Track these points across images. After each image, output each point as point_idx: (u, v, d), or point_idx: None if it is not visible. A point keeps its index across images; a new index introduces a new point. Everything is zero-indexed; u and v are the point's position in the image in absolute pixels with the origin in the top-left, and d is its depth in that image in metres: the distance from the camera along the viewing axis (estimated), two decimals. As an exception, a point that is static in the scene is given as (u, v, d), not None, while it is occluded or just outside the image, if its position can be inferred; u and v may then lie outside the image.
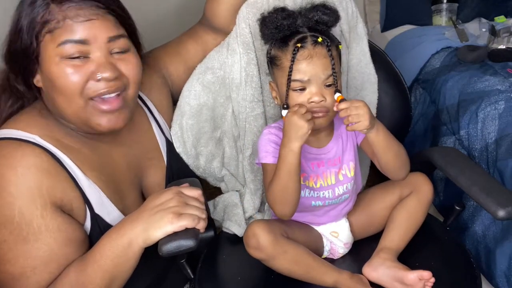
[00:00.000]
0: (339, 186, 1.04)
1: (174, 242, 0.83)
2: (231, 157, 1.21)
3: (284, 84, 0.96)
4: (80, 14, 0.84)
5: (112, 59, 0.89)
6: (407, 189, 1.09)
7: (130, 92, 0.93)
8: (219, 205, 1.24)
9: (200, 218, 0.87)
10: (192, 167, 1.17)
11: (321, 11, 0.98)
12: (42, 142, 0.87)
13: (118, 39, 0.89)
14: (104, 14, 0.87)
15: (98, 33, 0.86)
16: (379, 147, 0.98)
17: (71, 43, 0.85)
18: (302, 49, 0.94)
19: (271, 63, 1.01)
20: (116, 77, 0.88)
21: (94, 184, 0.92)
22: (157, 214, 0.85)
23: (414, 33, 2.07)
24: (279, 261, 0.96)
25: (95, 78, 0.86)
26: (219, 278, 1.10)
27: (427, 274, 0.95)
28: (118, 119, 0.91)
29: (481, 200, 0.98)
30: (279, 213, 0.98)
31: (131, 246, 0.84)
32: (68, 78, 0.85)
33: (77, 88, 0.86)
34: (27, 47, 0.86)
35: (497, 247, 1.29)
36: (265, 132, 1.03)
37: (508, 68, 1.62)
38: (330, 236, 1.08)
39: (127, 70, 0.91)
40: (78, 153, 0.92)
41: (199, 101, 1.13)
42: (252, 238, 0.95)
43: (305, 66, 0.94)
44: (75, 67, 0.85)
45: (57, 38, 0.85)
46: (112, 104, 0.89)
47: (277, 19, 0.97)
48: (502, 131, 1.38)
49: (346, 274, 0.98)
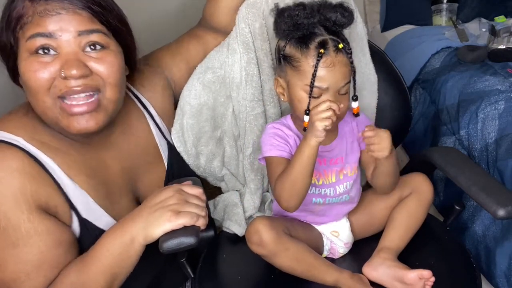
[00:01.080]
0: (340, 185, 1.04)
1: (175, 239, 0.83)
2: (231, 156, 1.21)
3: (299, 86, 0.95)
4: (48, 8, 0.82)
5: (83, 57, 0.84)
6: (407, 190, 1.09)
7: (107, 94, 0.87)
8: (219, 205, 1.24)
9: (199, 215, 0.86)
10: (192, 166, 1.17)
11: (340, 12, 0.94)
12: (26, 145, 0.85)
13: (90, 33, 0.84)
14: (75, 9, 0.83)
15: (65, 27, 0.82)
16: (384, 170, 1.00)
17: (38, 36, 0.82)
18: (325, 55, 0.90)
19: (284, 60, 0.97)
20: (83, 74, 0.82)
21: (81, 188, 0.90)
22: (156, 212, 0.85)
23: (414, 33, 2.08)
24: (280, 258, 0.96)
25: (61, 75, 0.82)
26: (219, 278, 1.10)
27: (427, 273, 0.95)
28: (89, 121, 0.85)
29: (481, 200, 0.98)
30: (284, 204, 0.96)
31: (133, 243, 0.84)
32: (34, 74, 0.82)
33: (42, 86, 0.82)
34: (6, 44, 0.85)
35: (497, 247, 1.29)
36: (268, 127, 1.03)
37: (508, 68, 1.62)
38: (331, 235, 1.08)
39: (100, 68, 0.85)
40: (65, 156, 0.89)
41: (199, 101, 1.13)
42: (254, 234, 0.96)
43: (326, 74, 0.91)
44: (41, 63, 0.82)
45: (26, 32, 0.83)
46: (82, 106, 0.84)
47: (298, 17, 0.92)
48: (502, 131, 1.38)
49: (347, 274, 0.99)
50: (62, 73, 0.82)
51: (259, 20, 1.10)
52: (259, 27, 1.10)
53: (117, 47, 0.90)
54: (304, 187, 0.95)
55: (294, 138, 1.02)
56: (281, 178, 0.95)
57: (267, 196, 1.25)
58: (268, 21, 1.11)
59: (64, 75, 0.82)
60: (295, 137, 1.02)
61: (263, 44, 1.11)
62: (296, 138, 1.02)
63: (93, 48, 0.85)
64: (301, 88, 0.94)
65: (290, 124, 1.04)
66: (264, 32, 1.11)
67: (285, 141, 1.01)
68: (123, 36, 0.91)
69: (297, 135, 1.03)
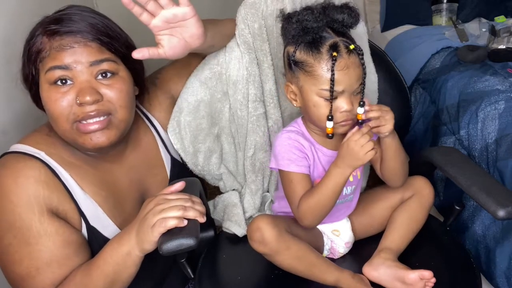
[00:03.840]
0: (348, 187, 1.05)
1: (174, 241, 0.84)
2: (229, 153, 1.21)
3: (313, 91, 0.94)
4: (63, 43, 0.91)
5: (96, 84, 0.93)
6: (409, 192, 1.09)
7: (118, 115, 0.96)
8: (218, 205, 1.24)
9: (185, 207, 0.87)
10: (190, 164, 1.17)
11: (347, 13, 0.94)
12: (46, 158, 0.95)
13: (101, 63, 0.93)
14: (86, 42, 0.92)
15: (78, 59, 0.91)
16: (391, 152, 0.99)
17: (55, 69, 0.91)
18: (338, 58, 0.90)
19: (296, 66, 0.96)
20: (95, 100, 0.92)
21: (91, 198, 0.98)
22: (144, 223, 0.88)
23: (414, 33, 2.07)
24: (282, 256, 0.96)
25: (77, 103, 0.91)
26: (219, 278, 1.10)
27: (428, 274, 0.95)
28: (101, 138, 0.94)
29: (481, 200, 0.97)
30: (307, 224, 0.99)
31: (130, 255, 0.89)
32: (54, 103, 0.92)
33: (61, 114, 0.92)
34: (28, 75, 0.95)
35: (497, 247, 1.29)
36: (284, 137, 1.02)
37: (508, 68, 1.62)
38: (332, 234, 1.08)
39: (110, 94, 0.94)
40: (79, 169, 0.98)
41: (196, 97, 1.13)
42: (256, 232, 0.95)
43: (340, 77, 0.90)
44: (60, 93, 0.91)
45: (45, 65, 0.92)
46: (95, 124, 0.93)
47: (307, 21, 0.92)
48: (502, 131, 1.38)
49: (347, 273, 0.99)
50: (78, 100, 0.91)
51: (258, 20, 1.10)
52: (258, 27, 1.10)
53: (126, 72, 0.99)
54: (331, 209, 0.96)
55: (311, 148, 1.02)
56: (308, 201, 0.96)
57: (267, 196, 1.25)
58: (267, 22, 1.11)
59: (79, 102, 0.91)
60: (311, 147, 1.02)
61: (262, 44, 1.11)
62: (313, 147, 1.02)
63: (104, 75, 0.94)
64: (316, 93, 0.94)
65: (304, 131, 1.03)
66: (263, 33, 1.11)
67: (304, 154, 1.00)
68: (131, 60, 0.97)
69: (312, 144, 1.02)
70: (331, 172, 0.94)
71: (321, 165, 1.03)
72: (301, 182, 0.99)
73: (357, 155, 0.90)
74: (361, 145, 0.90)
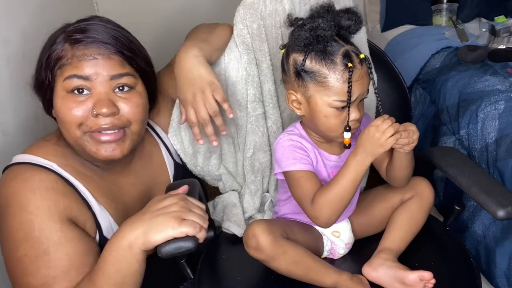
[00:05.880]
0: None
1: (173, 244, 0.83)
2: (228, 153, 1.21)
3: (325, 102, 0.91)
4: (87, 53, 0.91)
5: (113, 96, 0.93)
6: (409, 193, 1.09)
7: (133, 128, 0.97)
8: (218, 206, 1.24)
9: (201, 227, 0.86)
10: (189, 165, 1.17)
11: (355, 20, 0.92)
12: (59, 169, 0.94)
13: (121, 77, 0.94)
14: (110, 54, 0.92)
15: (100, 71, 0.92)
16: (405, 162, 0.99)
17: (75, 78, 0.91)
18: (354, 69, 0.88)
19: (306, 75, 0.92)
20: (112, 113, 0.92)
21: (105, 209, 0.99)
22: (158, 217, 0.84)
23: (414, 33, 2.08)
24: (278, 261, 0.96)
25: (93, 113, 0.91)
26: (219, 278, 1.10)
27: (428, 275, 0.94)
28: (115, 150, 0.95)
29: (481, 200, 0.97)
30: (324, 221, 0.95)
31: (131, 249, 0.83)
32: (69, 111, 0.91)
33: (75, 122, 0.92)
34: (44, 81, 0.94)
35: (497, 247, 1.29)
36: (285, 139, 1.00)
37: (508, 68, 1.62)
38: (331, 235, 1.08)
39: (126, 108, 0.95)
40: (90, 180, 0.98)
41: None
42: (251, 239, 0.95)
43: (355, 88, 0.89)
44: (76, 102, 0.91)
45: (65, 73, 0.92)
46: (109, 135, 0.94)
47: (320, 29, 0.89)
48: (502, 131, 1.37)
49: (346, 275, 0.98)
50: (94, 111, 0.91)
51: (257, 21, 1.10)
52: (257, 28, 1.10)
53: (142, 87, 1.00)
54: (349, 202, 0.94)
55: (314, 151, 1.01)
56: (326, 195, 0.93)
57: (266, 196, 1.24)
58: (266, 22, 1.10)
59: (96, 113, 0.91)
60: (314, 150, 1.01)
61: (261, 44, 1.11)
62: (315, 150, 1.01)
63: (122, 89, 0.95)
64: (328, 104, 0.92)
65: (304, 135, 1.03)
66: (262, 33, 1.11)
67: (307, 154, 0.99)
68: (148, 76, 1.00)
69: (315, 148, 1.02)
70: (349, 162, 0.91)
71: (325, 169, 1.02)
72: (310, 179, 0.96)
73: (378, 141, 0.87)
74: (382, 131, 0.87)
